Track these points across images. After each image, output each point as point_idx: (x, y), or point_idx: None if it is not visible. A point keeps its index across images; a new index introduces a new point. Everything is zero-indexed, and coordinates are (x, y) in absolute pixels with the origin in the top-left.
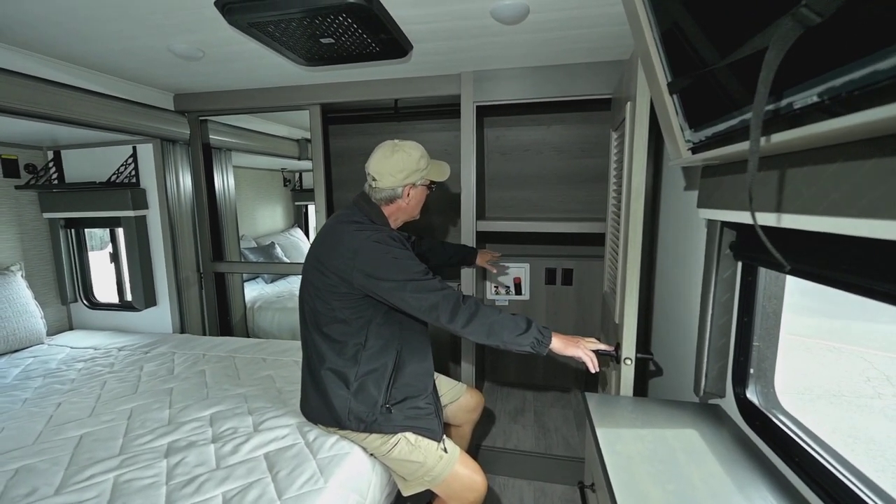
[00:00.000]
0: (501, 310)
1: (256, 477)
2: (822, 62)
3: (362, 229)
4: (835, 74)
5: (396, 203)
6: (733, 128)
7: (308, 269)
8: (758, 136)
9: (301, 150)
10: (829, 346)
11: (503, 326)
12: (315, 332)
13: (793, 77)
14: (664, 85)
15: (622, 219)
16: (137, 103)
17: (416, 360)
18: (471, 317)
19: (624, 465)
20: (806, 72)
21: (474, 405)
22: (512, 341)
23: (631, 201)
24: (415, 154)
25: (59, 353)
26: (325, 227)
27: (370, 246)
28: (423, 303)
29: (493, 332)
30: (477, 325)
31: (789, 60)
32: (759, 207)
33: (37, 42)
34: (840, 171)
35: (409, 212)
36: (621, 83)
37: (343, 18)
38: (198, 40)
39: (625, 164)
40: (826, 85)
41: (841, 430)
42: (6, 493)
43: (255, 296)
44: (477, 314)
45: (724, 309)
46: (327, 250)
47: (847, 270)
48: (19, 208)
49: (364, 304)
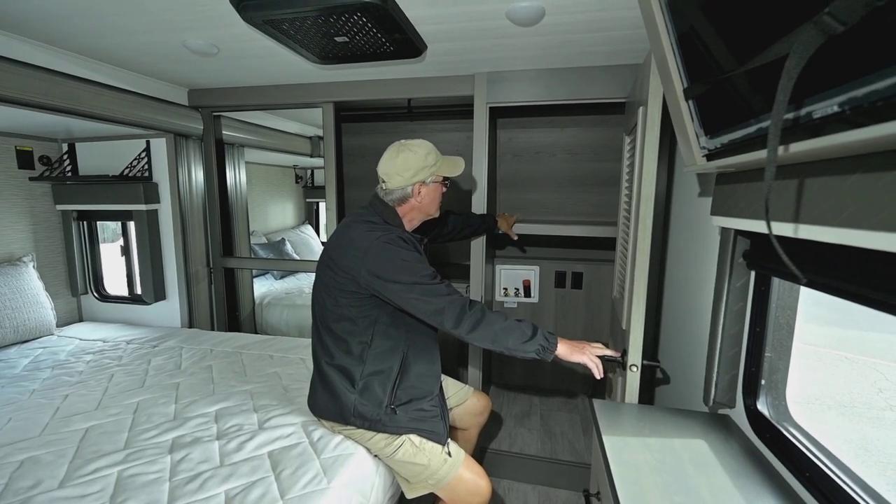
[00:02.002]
0: (508, 315)
1: (260, 475)
2: (844, 71)
3: (374, 229)
4: (857, 84)
5: (409, 203)
6: (750, 136)
7: (320, 266)
8: (776, 144)
9: (313, 147)
10: (841, 355)
11: (508, 333)
12: (323, 329)
13: (813, 86)
14: (680, 90)
15: (632, 224)
16: (152, 98)
17: (424, 363)
18: (476, 323)
19: (631, 475)
20: (827, 81)
21: (481, 409)
22: (517, 348)
23: (641, 206)
24: (420, 151)
25: (69, 344)
26: (339, 226)
27: (380, 246)
28: (429, 307)
29: (497, 338)
30: (482, 332)
31: (810, 69)
32: (774, 217)
33: (54, 36)
34: (859, 182)
35: (424, 210)
36: (635, 87)
37: (358, 17)
38: (213, 36)
39: (636, 169)
40: (847, 95)
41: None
42: (11, 485)
43: (265, 292)
44: (483, 321)
45: (736, 318)
46: (339, 248)
47: (864, 284)
48: (33, 200)
49: (370, 304)
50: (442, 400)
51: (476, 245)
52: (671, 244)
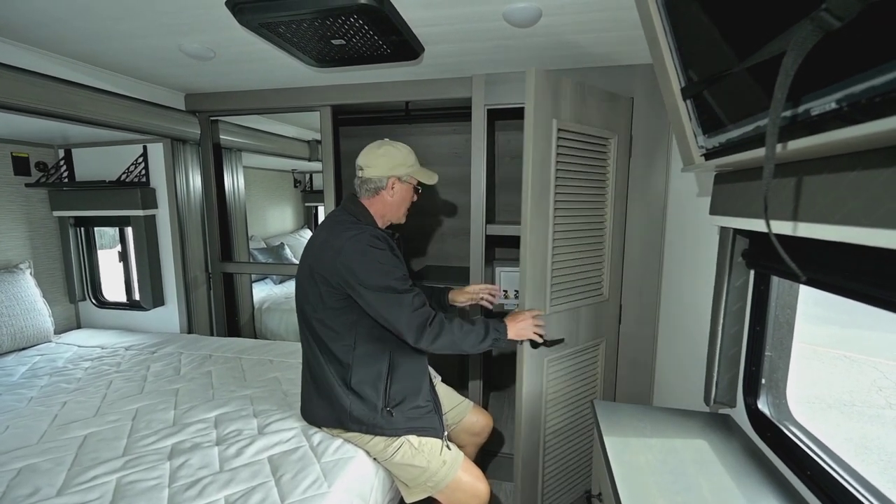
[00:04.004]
0: (463, 323)
1: (260, 480)
2: (841, 68)
3: (348, 229)
4: (855, 80)
5: (381, 196)
6: (748, 134)
7: (300, 275)
8: (774, 142)
9: (311, 151)
10: (840, 354)
11: (464, 339)
12: (311, 337)
13: (810, 83)
14: (677, 90)
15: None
16: (149, 103)
17: (411, 359)
18: (435, 337)
19: (632, 476)
20: (824, 77)
21: (479, 428)
22: (475, 349)
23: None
24: (403, 150)
25: (67, 351)
26: (313, 234)
27: (353, 245)
28: (391, 317)
29: (455, 345)
30: (441, 343)
31: (807, 65)
32: (773, 215)
33: (49, 41)
34: (858, 179)
35: (393, 209)
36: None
37: (354, 20)
38: (209, 40)
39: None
40: (845, 91)
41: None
42: (8, 493)
43: (264, 297)
44: (441, 333)
45: (736, 318)
46: (314, 253)
47: (864, 281)
48: (29, 206)
49: (348, 308)
50: (434, 394)
51: (475, 246)
52: (667, 244)
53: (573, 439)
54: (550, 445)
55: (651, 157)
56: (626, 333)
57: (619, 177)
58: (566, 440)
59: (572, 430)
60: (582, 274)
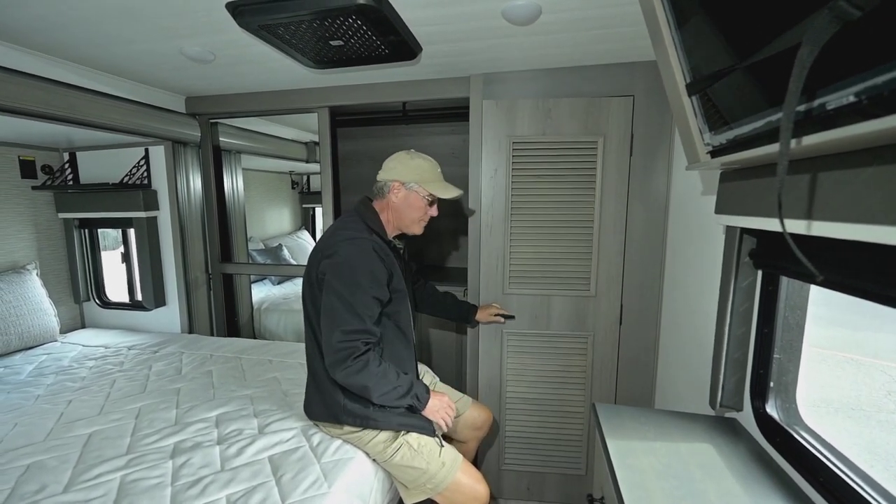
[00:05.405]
0: (397, 376)
1: (261, 480)
2: (861, 59)
3: (347, 230)
4: (877, 72)
5: (387, 199)
6: (758, 130)
7: (306, 271)
8: (788, 137)
9: (309, 152)
10: (848, 357)
11: (381, 391)
12: (309, 330)
13: (827, 75)
14: (682, 86)
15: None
16: (150, 106)
17: (400, 346)
18: (352, 374)
19: (636, 480)
20: (842, 70)
21: (480, 422)
22: (383, 402)
23: None
24: (417, 159)
25: (72, 350)
26: (324, 231)
27: (346, 246)
28: (325, 328)
29: (366, 391)
30: (354, 382)
31: (823, 57)
32: (786, 214)
33: (51, 45)
34: (875, 175)
35: (399, 214)
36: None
37: (353, 20)
38: (209, 43)
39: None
40: (865, 84)
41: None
42: (17, 489)
43: (263, 297)
44: (360, 373)
45: (743, 319)
46: (317, 248)
47: (881, 282)
48: (36, 208)
49: None
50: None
51: (474, 247)
52: (670, 244)
53: (538, 413)
54: (511, 409)
55: (652, 156)
56: (627, 333)
57: (613, 176)
58: (529, 412)
59: (538, 403)
60: (556, 267)
